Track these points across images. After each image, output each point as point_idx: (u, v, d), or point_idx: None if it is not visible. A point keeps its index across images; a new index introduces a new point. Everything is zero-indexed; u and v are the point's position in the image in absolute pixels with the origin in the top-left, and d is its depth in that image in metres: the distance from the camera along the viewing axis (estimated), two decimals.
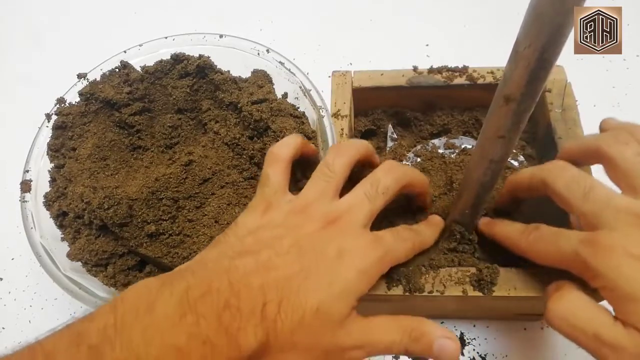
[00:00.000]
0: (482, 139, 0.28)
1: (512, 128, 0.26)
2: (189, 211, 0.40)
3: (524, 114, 0.25)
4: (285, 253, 0.28)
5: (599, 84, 0.56)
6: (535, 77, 0.23)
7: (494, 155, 0.28)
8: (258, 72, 0.45)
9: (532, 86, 0.23)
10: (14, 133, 0.58)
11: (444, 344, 0.28)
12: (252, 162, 0.41)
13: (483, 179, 0.31)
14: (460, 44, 0.61)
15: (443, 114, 0.46)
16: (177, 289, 0.25)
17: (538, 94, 0.24)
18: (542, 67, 0.22)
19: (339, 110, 0.43)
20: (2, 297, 0.50)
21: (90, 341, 0.23)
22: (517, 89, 0.24)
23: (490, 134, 0.27)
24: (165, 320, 0.24)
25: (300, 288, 0.27)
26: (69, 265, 0.38)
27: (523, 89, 0.23)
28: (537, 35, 0.21)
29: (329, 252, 0.28)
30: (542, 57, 0.22)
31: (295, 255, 0.28)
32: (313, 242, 0.29)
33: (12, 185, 0.44)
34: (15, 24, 0.73)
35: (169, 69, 0.43)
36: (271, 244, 0.29)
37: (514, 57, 0.23)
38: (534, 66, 0.22)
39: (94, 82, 0.43)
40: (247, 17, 0.68)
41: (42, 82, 0.64)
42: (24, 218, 0.40)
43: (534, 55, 0.22)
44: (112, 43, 0.50)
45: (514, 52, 0.23)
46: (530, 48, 0.22)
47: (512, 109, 0.25)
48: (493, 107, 0.26)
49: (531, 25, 0.21)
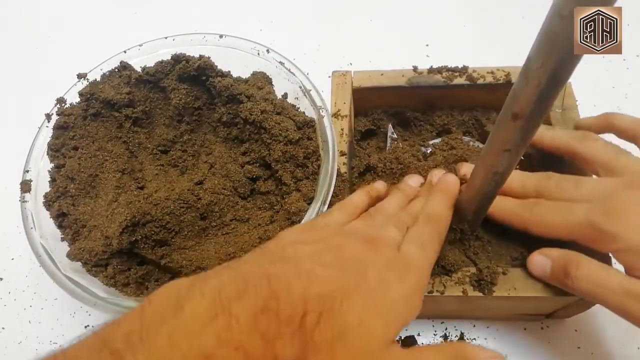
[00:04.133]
0: (487, 151, 0.28)
1: (519, 143, 0.26)
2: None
3: (532, 130, 0.25)
4: (328, 267, 0.27)
5: (599, 84, 0.56)
6: (546, 96, 0.22)
7: (498, 168, 0.28)
8: (257, 74, 0.45)
9: (542, 104, 0.23)
10: (14, 133, 0.58)
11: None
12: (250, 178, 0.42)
13: (487, 188, 0.31)
14: (460, 44, 0.61)
15: (443, 114, 0.46)
16: (209, 288, 0.23)
17: (547, 111, 0.24)
18: (553, 87, 0.22)
19: (339, 110, 0.43)
20: (2, 297, 0.50)
21: (113, 347, 0.21)
22: (526, 106, 0.23)
23: (496, 147, 0.27)
24: (194, 322, 0.22)
25: (343, 303, 0.25)
26: (69, 265, 0.38)
27: (532, 105, 0.23)
28: (549, 55, 0.20)
29: (371, 276, 0.27)
30: (554, 77, 0.21)
31: (337, 272, 0.27)
32: (354, 263, 0.28)
33: (12, 185, 0.44)
34: (16, 24, 0.73)
35: (169, 69, 0.43)
36: (312, 257, 0.27)
37: (525, 74, 0.22)
38: (544, 85, 0.22)
39: (94, 82, 0.43)
40: (247, 18, 0.68)
41: (42, 82, 0.64)
42: (24, 218, 0.40)
43: (545, 74, 0.21)
44: (112, 43, 0.50)
45: (525, 68, 0.22)
46: (542, 68, 0.21)
47: (520, 126, 0.24)
48: (500, 122, 0.25)
49: (543, 45, 0.21)
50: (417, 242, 0.31)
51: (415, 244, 0.30)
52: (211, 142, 0.44)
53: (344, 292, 0.26)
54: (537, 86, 0.22)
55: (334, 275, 0.26)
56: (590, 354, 0.41)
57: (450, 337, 0.43)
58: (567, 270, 0.31)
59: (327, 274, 0.26)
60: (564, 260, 0.32)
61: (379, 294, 0.26)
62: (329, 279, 0.26)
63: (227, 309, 0.22)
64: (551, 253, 0.33)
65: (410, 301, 0.28)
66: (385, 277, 0.27)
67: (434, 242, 0.31)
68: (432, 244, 0.31)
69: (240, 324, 0.22)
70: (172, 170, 0.44)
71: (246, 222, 0.42)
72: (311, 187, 0.40)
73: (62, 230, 0.40)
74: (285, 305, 0.24)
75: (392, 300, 0.27)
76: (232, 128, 0.43)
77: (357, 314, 0.25)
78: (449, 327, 0.43)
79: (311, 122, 0.41)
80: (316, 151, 0.40)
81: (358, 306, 0.25)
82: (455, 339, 0.43)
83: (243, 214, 0.42)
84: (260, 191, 0.43)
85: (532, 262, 0.34)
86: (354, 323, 0.25)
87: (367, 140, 0.48)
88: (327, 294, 0.25)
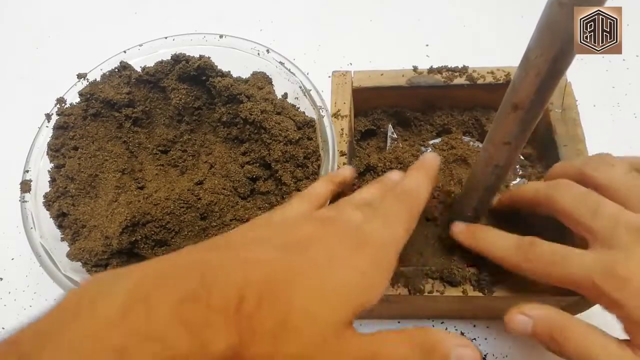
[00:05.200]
0: (487, 144, 0.28)
1: (519, 135, 0.26)
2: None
3: (531, 121, 0.25)
4: (273, 249, 0.25)
5: (598, 84, 0.56)
6: (545, 86, 0.22)
7: (499, 161, 0.28)
8: (258, 74, 0.45)
9: (542, 94, 0.23)
10: (14, 133, 0.58)
11: (462, 355, 0.24)
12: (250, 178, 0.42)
13: (487, 182, 0.31)
14: (460, 44, 0.62)
15: (443, 114, 0.46)
16: (132, 279, 0.22)
17: (547, 102, 0.24)
18: (552, 77, 0.22)
19: (339, 110, 0.43)
20: (2, 297, 0.50)
21: (21, 349, 0.19)
22: (526, 96, 0.23)
23: (496, 140, 0.27)
24: (107, 317, 0.20)
25: (287, 286, 0.23)
26: (69, 265, 0.38)
27: (532, 96, 0.23)
28: (549, 45, 0.21)
29: (320, 257, 0.25)
30: (554, 67, 0.21)
31: (284, 253, 0.25)
32: (304, 244, 0.26)
33: (11, 185, 0.44)
34: (16, 24, 0.73)
35: (169, 69, 0.43)
36: (259, 241, 0.26)
37: (525, 64, 0.23)
38: (544, 75, 0.22)
39: (94, 82, 0.43)
40: (247, 18, 0.68)
41: (41, 82, 0.64)
42: (24, 218, 0.40)
43: (545, 64, 0.21)
44: (112, 43, 0.50)
45: (525, 59, 0.22)
46: (542, 57, 0.21)
47: (519, 117, 0.24)
48: (500, 114, 0.26)
49: (543, 34, 0.21)
50: (381, 217, 0.28)
51: (379, 220, 0.28)
52: (211, 142, 0.44)
53: (288, 275, 0.24)
54: (537, 75, 0.22)
55: (278, 257, 0.25)
56: None
57: None
58: (552, 336, 0.27)
59: (271, 256, 0.25)
60: (548, 325, 0.28)
61: (327, 274, 0.24)
62: (272, 262, 0.24)
63: (145, 300, 0.20)
64: (533, 312, 0.28)
65: (366, 279, 0.25)
66: (335, 254, 0.25)
67: (401, 218, 0.29)
68: (399, 220, 0.28)
69: (159, 314, 0.20)
70: (172, 170, 0.44)
71: (246, 222, 0.42)
72: None
73: (62, 230, 0.40)
74: (218, 292, 0.22)
75: (341, 280, 0.24)
76: (232, 128, 0.43)
77: (301, 297, 0.23)
78: (448, 327, 0.43)
79: (311, 122, 0.41)
80: (316, 151, 0.40)
81: (303, 289, 0.23)
82: None
83: (243, 214, 0.42)
84: (260, 191, 0.43)
85: (512, 321, 0.29)
86: (297, 308, 0.22)
87: (367, 140, 0.48)
88: (269, 278, 0.23)
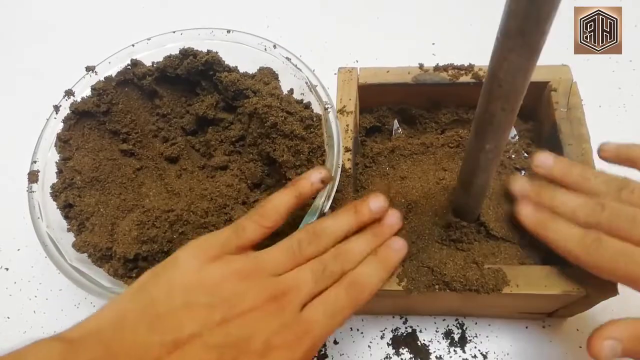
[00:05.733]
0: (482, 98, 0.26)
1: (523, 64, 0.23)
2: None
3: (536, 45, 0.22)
4: (209, 333, 0.26)
5: (604, 85, 0.56)
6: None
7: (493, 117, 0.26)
8: (264, 69, 0.46)
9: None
10: (22, 124, 0.58)
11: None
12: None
13: (481, 163, 0.30)
14: (467, 42, 0.61)
15: (448, 111, 0.46)
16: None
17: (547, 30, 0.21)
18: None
19: (344, 107, 0.43)
20: (8, 287, 0.50)
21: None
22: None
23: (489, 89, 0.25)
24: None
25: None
26: (74, 255, 0.39)
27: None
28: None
29: (254, 347, 0.26)
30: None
31: (219, 340, 0.26)
32: (242, 328, 0.27)
33: (19, 177, 0.44)
34: (24, 17, 0.73)
35: (177, 64, 0.43)
36: (198, 317, 0.26)
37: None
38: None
39: (108, 78, 0.43)
40: (255, 14, 0.69)
41: (50, 75, 0.64)
42: (31, 208, 0.40)
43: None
44: (121, 37, 0.50)
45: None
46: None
47: (519, 43, 0.22)
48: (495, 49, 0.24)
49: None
50: (328, 308, 0.29)
51: (325, 310, 0.29)
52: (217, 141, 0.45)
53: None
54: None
55: (213, 346, 0.26)
56: None
57: (452, 333, 0.43)
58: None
59: (207, 346, 0.26)
60: (638, 338, 0.27)
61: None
62: (206, 354, 0.25)
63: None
64: (617, 334, 0.27)
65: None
66: (272, 344, 0.27)
67: (345, 312, 0.29)
68: (343, 313, 0.29)
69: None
70: (176, 181, 0.45)
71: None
72: None
73: (68, 221, 0.41)
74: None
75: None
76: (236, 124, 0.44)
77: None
78: (450, 324, 0.43)
79: (317, 118, 0.41)
80: (321, 147, 0.40)
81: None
82: (457, 336, 0.43)
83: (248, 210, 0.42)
84: (265, 186, 0.43)
85: (601, 349, 0.27)
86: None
87: (372, 137, 0.48)
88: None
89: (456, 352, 0.42)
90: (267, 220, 0.31)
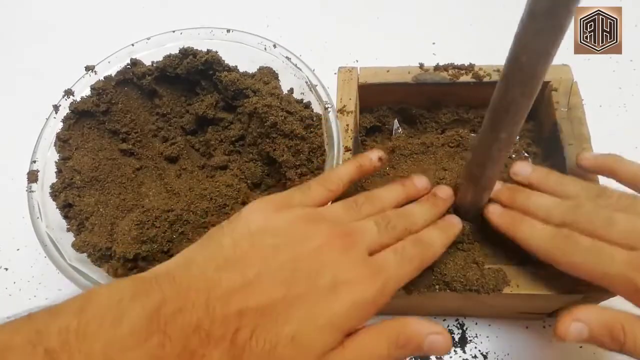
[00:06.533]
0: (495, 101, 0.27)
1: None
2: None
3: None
4: (277, 270, 0.26)
5: (605, 85, 0.56)
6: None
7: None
8: (264, 69, 0.46)
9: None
10: (22, 124, 0.58)
11: (434, 341, 0.26)
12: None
13: (494, 154, 0.29)
14: (467, 42, 0.61)
15: (448, 111, 0.46)
16: (150, 303, 0.23)
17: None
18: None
19: (344, 106, 0.43)
20: (7, 287, 0.50)
21: (49, 344, 0.21)
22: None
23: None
24: (131, 337, 0.22)
25: (280, 315, 0.25)
26: (74, 255, 0.39)
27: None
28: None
29: (323, 281, 0.26)
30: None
31: (287, 275, 0.26)
32: (310, 263, 0.27)
33: (18, 177, 0.44)
34: (23, 17, 0.73)
35: (177, 63, 0.43)
36: (265, 257, 0.27)
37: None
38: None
39: (108, 78, 0.43)
40: (255, 13, 0.69)
41: (50, 75, 0.64)
42: (31, 208, 0.40)
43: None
44: (120, 36, 0.50)
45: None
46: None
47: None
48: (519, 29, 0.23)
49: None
50: (397, 255, 0.29)
51: (395, 256, 0.29)
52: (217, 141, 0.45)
53: (286, 302, 0.25)
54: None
55: (280, 280, 0.26)
56: (592, 353, 0.41)
57: (453, 334, 0.43)
58: (613, 335, 0.26)
59: (274, 280, 0.26)
60: (606, 325, 0.26)
61: (325, 303, 0.25)
62: (273, 288, 0.25)
63: (162, 328, 0.22)
64: (587, 317, 0.27)
65: (366, 308, 0.27)
66: (341, 279, 0.26)
67: (415, 262, 0.29)
68: (412, 263, 0.29)
69: (173, 344, 0.22)
70: (176, 181, 0.45)
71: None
72: None
73: (68, 220, 0.40)
74: (219, 323, 0.24)
75: (340, 308, 0.26)
76: (236, 124, 0.44)
77: (293, 327, 0.24)
78: (450, 325, 0.43)
79: (317, 118, 0.41)
80: (321, 146, 0.40)
81: (296, 318, 0.25)
82: (457, 336, 0.43)
83: None
84: (265, 186, 0.43)
85: (567, 330, 0.27)
86: (286, 338, 0.24)
87: (372, 137, 0.48)
88: (267, 306, 0.25)
89: (456, 353, 0.42)
90: (331, 184, 0.32)
